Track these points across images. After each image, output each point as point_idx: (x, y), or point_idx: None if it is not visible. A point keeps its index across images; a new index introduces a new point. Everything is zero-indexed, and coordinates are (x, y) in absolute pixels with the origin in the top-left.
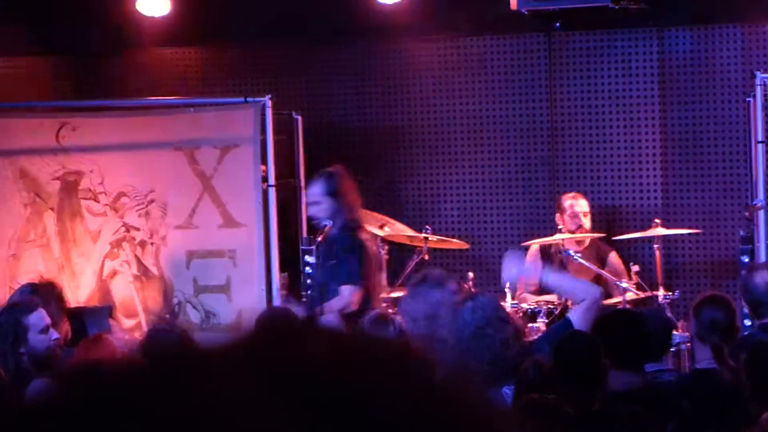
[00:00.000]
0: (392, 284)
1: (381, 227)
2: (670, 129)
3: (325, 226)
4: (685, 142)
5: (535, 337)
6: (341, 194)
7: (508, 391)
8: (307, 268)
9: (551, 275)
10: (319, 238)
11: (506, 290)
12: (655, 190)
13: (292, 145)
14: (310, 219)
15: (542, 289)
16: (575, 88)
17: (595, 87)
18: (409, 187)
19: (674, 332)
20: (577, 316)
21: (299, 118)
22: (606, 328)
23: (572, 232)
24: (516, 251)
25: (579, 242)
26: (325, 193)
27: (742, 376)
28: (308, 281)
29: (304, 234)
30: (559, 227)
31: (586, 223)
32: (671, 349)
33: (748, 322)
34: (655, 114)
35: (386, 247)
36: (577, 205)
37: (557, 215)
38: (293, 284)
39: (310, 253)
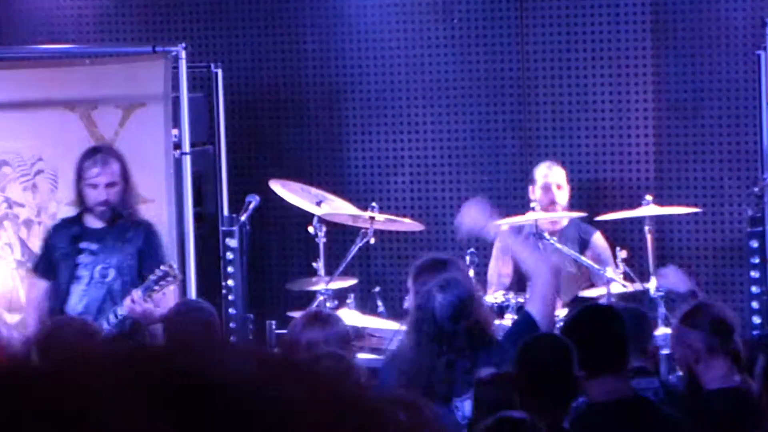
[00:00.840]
0: (330, 273)
1: (318, 204)
2: (664, 87)
3: (250, 202)
4: (683, 103)
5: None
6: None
7: (461, 404)
8: (229, 254)
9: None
10: (243, 217)
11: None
12: (647, 161)
13: (210, 104)
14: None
15: (520, 280)
16: (551, 38)
17: (575, 37)
18: (352, 156)
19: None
20: (536, 308)
21: (219, 72)
22: (579, 328)
23: (546, 210)
24: (479, 201)
25: (554, 222)
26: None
27: (760, 387)
28: (229, 269)
29: (225, 212)
30: (533, 204)
31: (561, 197)
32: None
33: (757, 320)
34: (647, 70)
35: (324, 229)
36: (551, 175)
37: (531, 188)
38: (210, 273)
39: (231, 235)
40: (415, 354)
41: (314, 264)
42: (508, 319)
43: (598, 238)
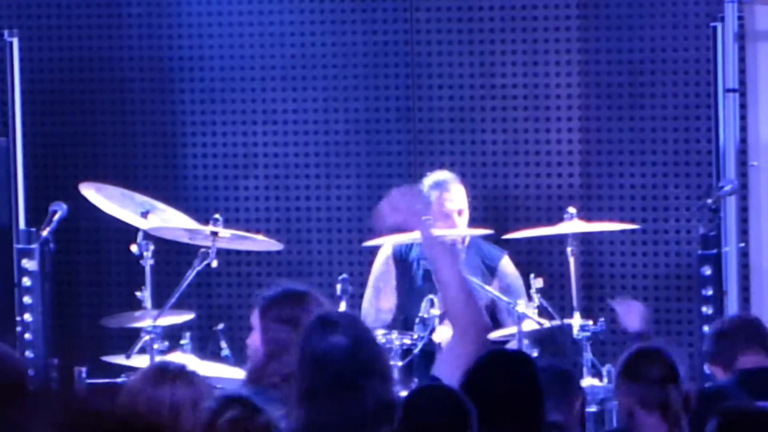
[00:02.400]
0: (159, 305)
1: (144, 215)
2: (593, 70)
3: (55, 212)
4: (616, 89)
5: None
6: None
7: None
8: (26, 279)
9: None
10: (44, 232)
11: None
12: (570, 164)
13: (2, 83)
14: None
15: (406, 318)
16: (447, 3)
17: (478, 3)
18: (189, 153)
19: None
20: (445, 359)
21: (14, 41)
22: (481, 379)
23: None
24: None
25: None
26: None
27: None
28: (26, 300)
29: (22, 225)
30: (425, 217)
31: (462, 225)
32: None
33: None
34: (571, 47)
35: (152, 248)
36: (448, 201)
37: (437, 215)
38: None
39: (29, 255)
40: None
41: (138, 293)
42: None
43: (506, 264)
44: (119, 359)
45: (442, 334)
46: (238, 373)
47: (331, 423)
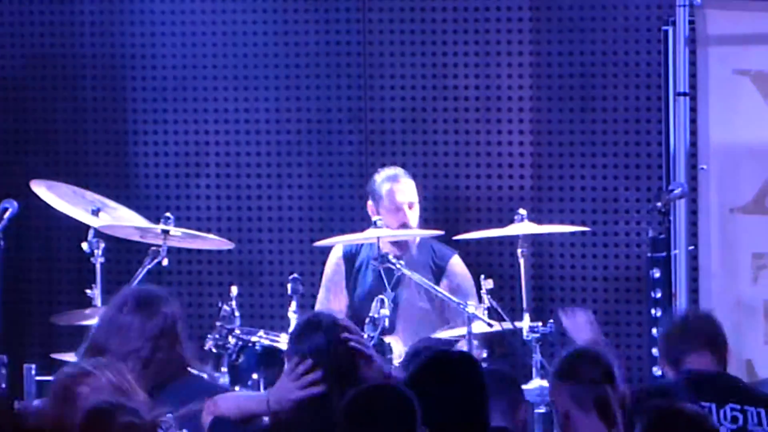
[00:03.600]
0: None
1: (95, 213)
2: (545, 73)
3: (6, 209)
4: (568, 91)
5: None
6: None
7: None
8: None
9: None
10: None
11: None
12: (522, 166)
13: None
14: None
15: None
16: (401, 4)
17: (431, 5)
18: (141, 151)
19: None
20: None
21: None
22: (425, 379)
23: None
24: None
25: (402, 243)
26: None
27: None
28: None
29: None
30: (375, 219)
31: (413, 218)
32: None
33: (658, 371)
34: (524, 49)
35: (102, 246)
36: (399, 191)
37: (369, 203)
38: None
39: None
40: None
41: (89, 291)
42: None
43: (456, 264)
44: (69, 357)
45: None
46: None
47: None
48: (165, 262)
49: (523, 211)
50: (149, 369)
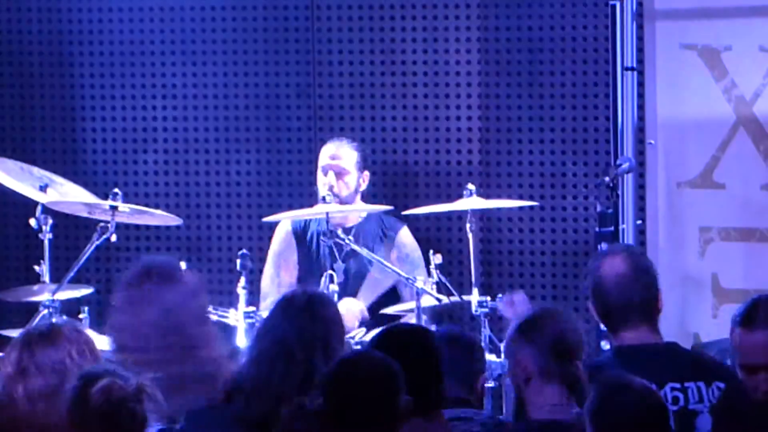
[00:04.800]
0: (58, 279)
1: (42, 189)
2: (493, 47)
3: None
4: (516, 66)
5: None
6: None
7: None
8: None
9: None
10: None
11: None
12: (470, 141)
13: None
14: None
15: None
16: None
17: None
18: (89, 127)
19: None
20: None
21: None
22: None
23: (324, 200)
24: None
25: (350, 217)
26: None
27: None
28: None
29: None
30: (323, 194)
31: (342, 188)
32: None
33: (606, 345)
34: (471, 23)
35: (50, 222)
36: (325, 154)
37: (319, 174)
38: None
39: None
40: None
41: (37, 267)
42: None
43: (405, 235)
44: (16, 333)
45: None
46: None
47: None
48: (113, 238)
49: (471, 186)
50: None
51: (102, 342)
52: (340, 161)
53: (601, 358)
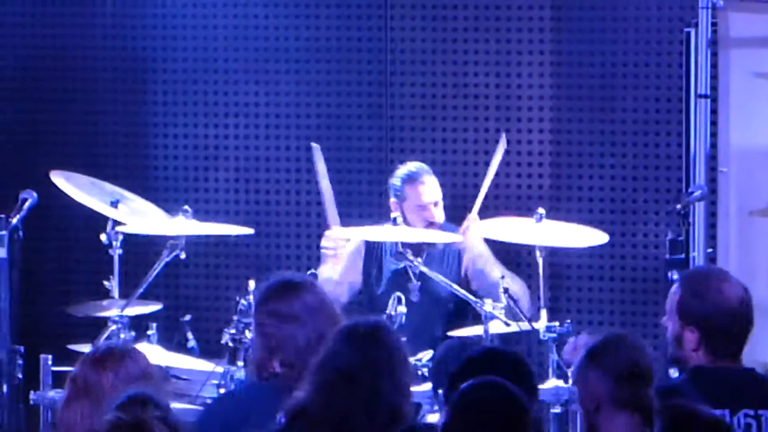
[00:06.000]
0: (127, 295)
1: (113, 205)
2: (565, 72)
3: (25, 200)
4: (588, 91)
5: None
6: None
7: None
8: None
9: None
10: (14, 219)
11: None
12: (540, 165)
13: None
14: None
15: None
16: (420, 10)
17: (452, 3)
18: (160, 144)
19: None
20: None
21: None
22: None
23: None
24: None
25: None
26: None
27: None
28: None
29: None
30: (393, 216)
31: (439, 216)
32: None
33: (675, 372)
34: (544, 48)
35: (120, 238)
36: (425, 192)
37: (392, 200)
38: None
39: None
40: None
41: (106, 283)
42: None
43: (468, 236)
44: (86, 348)
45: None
46: (204, 365)
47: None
48: (183, 255)
49: (542, 211)
50: None
51: (171, 358)
52: (435, 192)
53: (676, 379)
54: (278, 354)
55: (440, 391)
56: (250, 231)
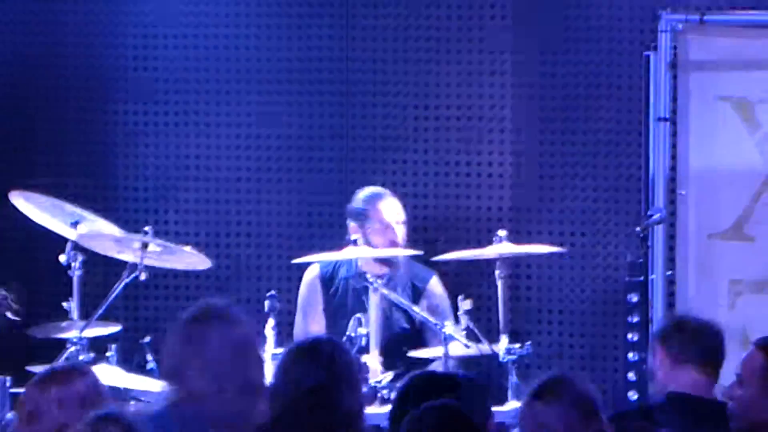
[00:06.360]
0: (87, 316)
1: (73, 225)
2: (526, 93)
3: None
4: (549, 113)
5: None
6: None
7: None
8: None
9: None
10: None
11: None
12: (501, 187)
13: None
14: None
15: None
16: (384, 23)
17: (415, 23)
18: (121, 163)
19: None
20: None
21: None
22: (409, 401)
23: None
24: None
25: (383, 262)
26: None
27: None
28: None
29: None
30: (353, 238)
31: (402, 236)
32: None
33: (633, 395)
34: (506, 68)
35: (80, 258)
36: (387, 211)
37: (352, 225)
38: None
39: None
40: None
41: (65, 304)
42: None
43: (435, 284)
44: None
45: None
46: (163, 386)
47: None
48: (143, 276)
49: (502, 233)
50: None
51: (130, 380)
52: (399, 211)
53: (645, 402)
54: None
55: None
56: (207, 264)
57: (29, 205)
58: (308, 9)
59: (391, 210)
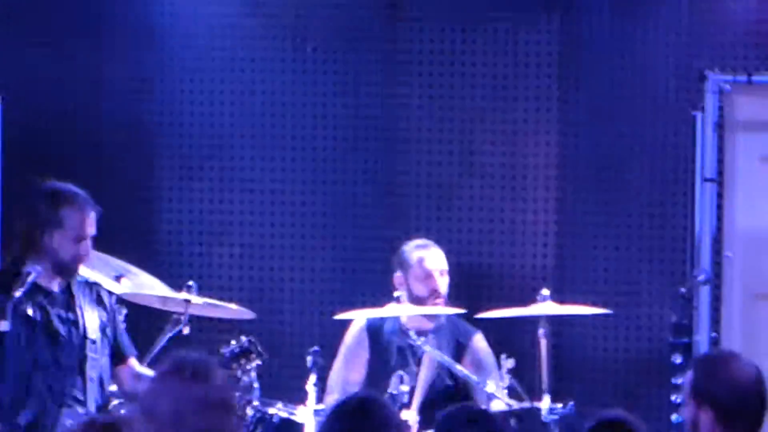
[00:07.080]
0: None
1: (117, 279)
2: (572, 153)
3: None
4: (595, 172)
5: None
6: None
7: None
8: None
9: None
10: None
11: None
12: (545, 245)
13: None
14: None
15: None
16: (430, 79)
17: (461, 80)
18: (164, 218)
19: None
20: None
21: None
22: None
23: (420, 303)
24: None
25: (429, 318)
26: None
27: None
28: None
29: None
30: (397, 294)
31: (443, 285)
32: None
33: None
34: (551, 128)
35: (124, 312)
36: (430, 259)
37: (397, 275)
38: None
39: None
40: None
41: None
42: None
43: (479, 341)
44: None
45: (409, 414)
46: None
47: None
48: (186, 330)
49: (545, 292)
50: None
51: None
52: (441, 260)
53: None
54: None
55: None
56: (251, 315)
57: None
58: (353, 66)
59: (434, 259)
